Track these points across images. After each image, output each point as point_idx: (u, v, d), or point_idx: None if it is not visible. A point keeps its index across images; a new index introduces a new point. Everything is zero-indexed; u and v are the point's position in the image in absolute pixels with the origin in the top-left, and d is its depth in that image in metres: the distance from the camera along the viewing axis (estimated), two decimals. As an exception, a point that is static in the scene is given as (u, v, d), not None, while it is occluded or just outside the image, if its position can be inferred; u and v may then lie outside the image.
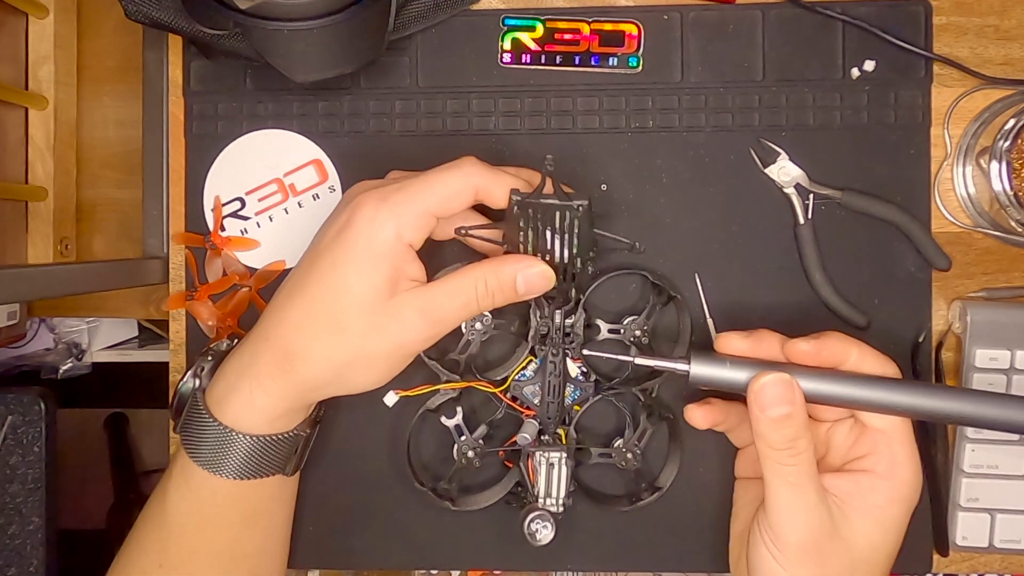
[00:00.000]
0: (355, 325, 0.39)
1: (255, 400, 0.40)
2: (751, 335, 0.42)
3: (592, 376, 0.47)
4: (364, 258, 0.39)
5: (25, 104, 0.55)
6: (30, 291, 0.45)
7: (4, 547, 0.63)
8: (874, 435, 0.40)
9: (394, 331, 0.39)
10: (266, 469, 0.42)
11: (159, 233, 0.53)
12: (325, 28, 0.40)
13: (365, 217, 0.39)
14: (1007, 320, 0.47)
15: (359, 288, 0.39)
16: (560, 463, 0.45)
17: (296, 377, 0.40)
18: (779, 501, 0.39)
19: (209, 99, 0.51)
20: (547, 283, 0.41)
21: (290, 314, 0.40)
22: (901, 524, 0.40)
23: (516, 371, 0.47)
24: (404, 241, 0.39)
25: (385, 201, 0.39)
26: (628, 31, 0.49)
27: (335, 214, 0.42)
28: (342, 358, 0.39)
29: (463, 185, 0.40)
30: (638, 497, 0.48)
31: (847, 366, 0.40)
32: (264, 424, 0.40)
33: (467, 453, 0.47)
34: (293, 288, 0.41)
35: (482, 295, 0.40)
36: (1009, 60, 0.49)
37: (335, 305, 0.39)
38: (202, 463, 0.41)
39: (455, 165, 0.41)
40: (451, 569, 0.53)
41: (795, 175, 0.48)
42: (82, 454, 1.38)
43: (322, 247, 0.40)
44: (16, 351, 0.85)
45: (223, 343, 0.45)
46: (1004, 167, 0.46)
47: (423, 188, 0.40)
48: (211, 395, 0.41)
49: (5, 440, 0.63)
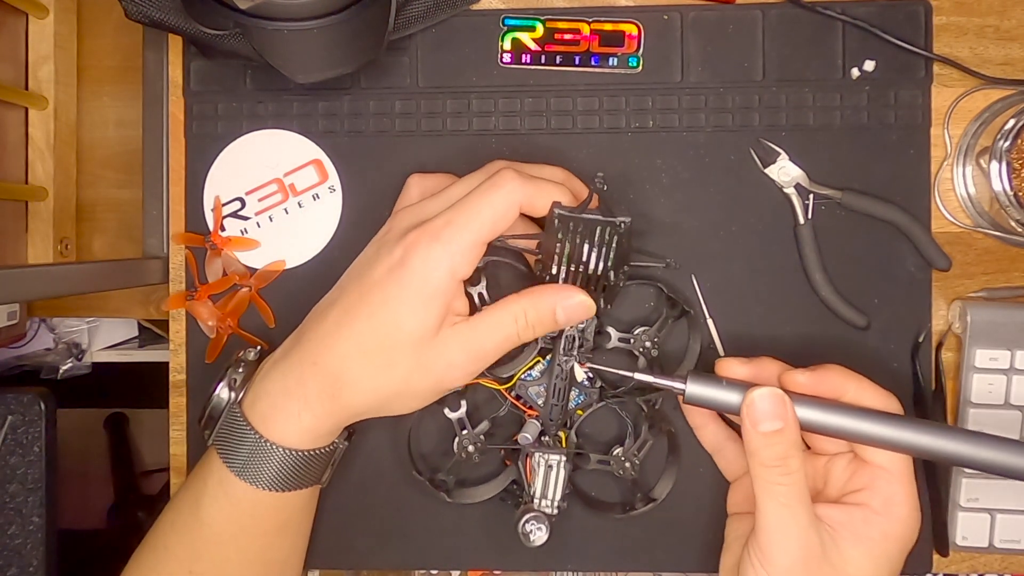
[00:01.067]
0: (403, 362, 0.40)
1: (303, 420, 0.41)
2: (751, 362, 0.42)
3: (597, 383, 0.47)
4: (418, 298, 0.39)
5: (25, 104, 0.55)
6: (30, 291, 0.45)
7: (4, 547, 0.63)
8: (872, 470, 0.39)
9: (439, 369, 0.41)
10: (306, 481, 0.43)
11: (159, 233, 0.53)
12: (325, 28, 0.39)
13: (419, 257, 0.39)
14: (1007, 320, 0.47)
15: (410, 327, 0.40)
16: (559, 466, 0.45)
17: (343, 403, 0.41)
18: (769, 521, 0.38)
19: (209, 99, 0.51)
20: (588, 312, 0.42)
21: (339, 343, 0.41)
22: (895, 560, 0.39)
23: (523, 370, 0.47)
24: (457, 278, 0.40)
25: (438, 240, 0.39)
26: (628, 31, 0.49)
27: (386, 246, 0.42)
28: (388, 391, 0.41)
29: (508, 204, 0.40)
30: (632, 506, 0.48)
31: (846, 399, 0.39)
32: (308, 441, 0.42)
33: (467, 447, 0.47)
34: (342, 316, 0.41)
35: (523, 328, 0.41)
36: (1009, 60, 0.49)
37: (386, 341, 0.40)
38: (245, 476, 0.41)
39: (495, 184, 0.40)
40: (451, 569, 0.53)
41: (795, 175, 0.48)
42: (82, 454, 1.38)
43: (373, 281, 0.41)
44: (16, 351, 0.85)
45: (251, 352, 0.45)
46: (1004, 167, 0.46)
47: (472, 218, 0.40)
48: (252, 410, 0.42)
49: (5, 440, 0.63)
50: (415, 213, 0.43)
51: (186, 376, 0.51)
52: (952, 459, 0.38)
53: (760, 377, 0.41)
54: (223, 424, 0.42)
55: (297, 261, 0.51)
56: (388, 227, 0.44)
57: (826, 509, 0.40)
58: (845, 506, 0.40)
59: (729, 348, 0.49)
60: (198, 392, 0.51)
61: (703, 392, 0.40)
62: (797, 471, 0.38)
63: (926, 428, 0.38)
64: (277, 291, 0.51)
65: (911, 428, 0.38)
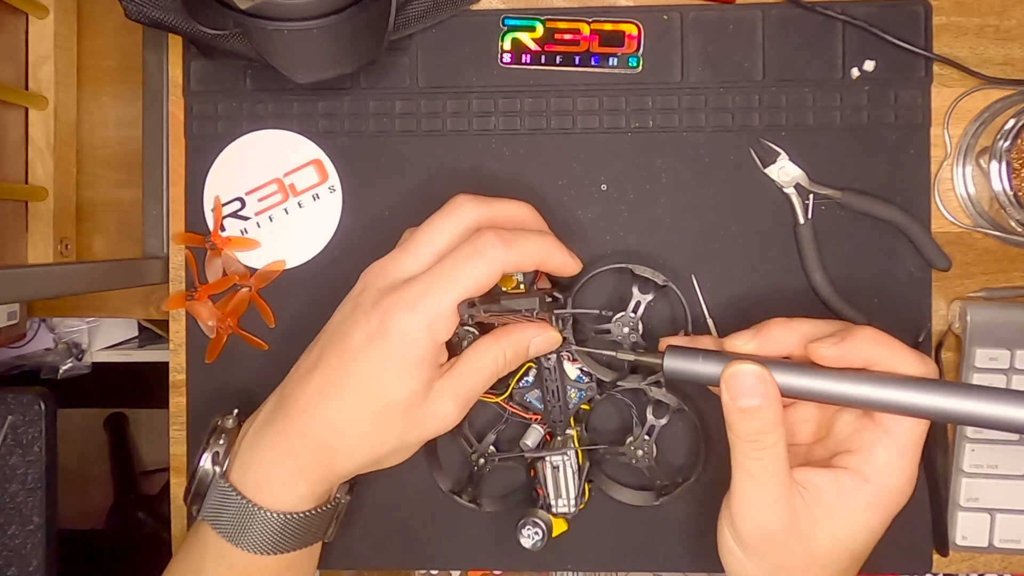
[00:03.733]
0: (396, 425, 0.40)
1: (300, 488, 0.41)
2: (759, 333, 0.40)
3: (594, 376, 0.47)
4: (403, 369, 0.39)
5: (25, 104, 0.55)
6: (30, 291, 0.45)
7: (4, 547, 0.63)
8: (876, 434, 0.38)
9: (432, 423, 0.41)
10: (311, 539, 0.43)
11: (159, 233, 0.53)
12: (325, 28, 0.40)
13: (398, 328, 0.39)
14: (1007, 320, 0.47)
15: (399, 395, 0.39)
16: (564, 465, 0.46)
17: (337, 470, 0.41)
18: (739, 492, 0.38)
19: (209, 99, 0.51)
20: (553, 345, 0.43)
21: (328, 416, 0.40)
22: (876, 529, 0.38)
23: (516, 379, 0.47)
24: (438, 343, 0.40)
25: (415, 309, 0.39)
26: (628, 31, 0.49)
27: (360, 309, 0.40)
28: (383, 452, 0.41)
29: (489, 274, 0.39)
30: (657, 493, 0.48)
31: (878, 368, 0.37)
32: (308, 503, 0.42)
33: (479, 461, 0.49)
34: (324, 384, 0.40)
35: (502, 366, 0.42)
36: (1009, 60, 0.49)
37: (375, 410, 0.40)
38: (245, 546, 0.41)
39: (477, 252, 0.39)
40: (451, 569, 0.53)
41: (795, 175, 0.48)
42: (82, 454, 1.38)
43: (353, 349, 0.40)
44: (16, 351, 0.85)
45: (228, 420, 0.44)
46: (1004, 167, 0.46)
47: (450, 286, 0.39)
48: (243, 481, 0.41)
49: (5, 440, 0.63)
50: (388, 272, 0.41)
51: (186, 376, 0.51)
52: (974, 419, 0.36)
53: (767, 349, 0.39)
54: (213, 498, 0.42)
55: (297, 261, 0.51)
56: (362, 285, 0.42)
57: (809, 474, 0.38)
58: (833, 470, 0.38)
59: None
60: (198, 392, 0.51)
61: (681, 366, 0.39)
62: (773, 445, 0.37)
63: (938, 388, 0.36)
64: (277, 291, 0.51)
65: (924, 390, 0.36)
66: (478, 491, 0.49)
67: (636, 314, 0.47)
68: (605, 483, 0.49)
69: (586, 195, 0.50)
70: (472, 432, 0.50)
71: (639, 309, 0.47)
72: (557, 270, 0.43)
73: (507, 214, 0.43)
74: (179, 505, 0.52)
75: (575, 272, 0.43)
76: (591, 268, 0.47)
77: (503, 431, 0.49)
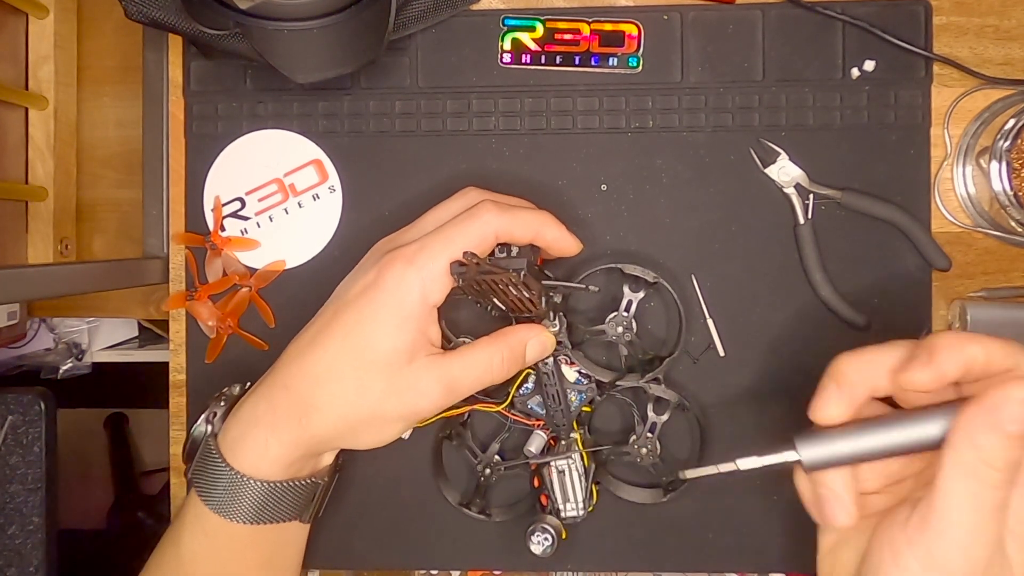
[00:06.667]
0: (375, 385, 0.40)
1: (270, 449, 0.40)
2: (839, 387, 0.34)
3: (593, 378, 0.47)
4: (391, 319, 0.39)
5: (25, 104, 0.55)
6: (30, 291, 0.45)
7: (4, 547, 0.63)
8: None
9: (411, 397, 0.40)
10: (282, 515, 0.42)
11: (159, 233, 0.53)
12: (325, 28, 0.40)
13: (392, 279, 0.39)
14: (1007, 320, 0.47)
15: (383, 348, 0.39)
16: (569, 468, 0.46)
17: (311, 430, 0.40)
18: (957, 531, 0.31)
19: (209, 99, 0.51)
20: (547, 350, 0.44)
21: (311, 366, 0.41)
22: None
23: (516, 387, 0.47)
24: (429, 303, 0.40)
25: (411, 263, 0.40)
26: (628, 31, 0.49)
27: (361, 269, 0.43)
28: (358, 417, 0.41)
29: (483, 235, 0.40)
30: (664, 489, 0.48)
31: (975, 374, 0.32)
32: (279, 471, 0.41)
33: (484, 471, 0.49)
34: (314, 337, 0.41)
35: (497, 368, 0.42)
36: (1009, 60, 0.49)
37: (358, 362, 0.40)
38: (216, 508, 0.40)
39: (472, 215, 0.41)
40: (451, 569, 0.53)
41: (795, 175, 0.48)
42: (82, 454, 1.38)
43: (347, 300, 0.41)
44: (16, 351, 0.86)
45: (235, 387, 0.45)
46: (1004, 167, 0.46)
47: (446, 244, 0.40)
48: (224, 441, 0.41)
49: (5, 440, 0.63)
50: (394, 240, 0.43)
51: (186, 376, 0.51)
52: None
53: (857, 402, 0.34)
54: (199, 458, 0.42)
55: (297, 261, 0.51)
56: (368, 255, 0.44)
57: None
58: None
59: (729, 348, 0.49)
60: (198, 392, 0.51)
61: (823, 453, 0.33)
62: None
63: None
64: (277, 291, 0.51)
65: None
66: (486, 502, 0.49)
67: (628, 313, 0.47)
68: (612, 483, 0.49)
69: (586, 195, 0.50)
70: (476, 443, 0.50)
71: (631, 308, 0.47)
72: (553, 246, 0.43)
73: (514, 203, 0.43)
74: (179, 505, 0.52)
75: (574, 252, 0.44)
76: (583, 269, 0.47)
77: (507, 440, 0.49)
